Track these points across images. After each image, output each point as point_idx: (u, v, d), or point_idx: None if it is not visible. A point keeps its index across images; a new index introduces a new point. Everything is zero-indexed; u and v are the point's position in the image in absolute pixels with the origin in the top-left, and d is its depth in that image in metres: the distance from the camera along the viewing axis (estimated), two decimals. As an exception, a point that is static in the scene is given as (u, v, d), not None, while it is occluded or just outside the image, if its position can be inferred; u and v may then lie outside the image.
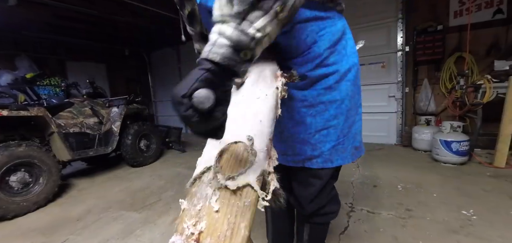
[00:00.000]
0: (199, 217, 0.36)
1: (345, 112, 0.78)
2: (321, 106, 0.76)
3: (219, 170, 0.41)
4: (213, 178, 0.41)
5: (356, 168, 2.79)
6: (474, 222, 1.61)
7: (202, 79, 0.35)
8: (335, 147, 0.78)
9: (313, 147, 0.78)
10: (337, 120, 0.77)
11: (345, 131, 0.78)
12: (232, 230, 0.35)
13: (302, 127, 0.78)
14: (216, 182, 0.40)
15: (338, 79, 0.74)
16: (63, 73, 5.73)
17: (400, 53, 3.57)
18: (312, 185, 0.84)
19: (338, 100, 0.76)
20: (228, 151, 0.45)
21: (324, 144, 0.78)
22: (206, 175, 0.44)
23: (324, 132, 0.77)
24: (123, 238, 1.75)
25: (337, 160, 0.79)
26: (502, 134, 2.48)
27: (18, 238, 1.85)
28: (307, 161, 0.80)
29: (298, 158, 0.81)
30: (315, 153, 0.79)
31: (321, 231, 1.01)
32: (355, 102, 0.81)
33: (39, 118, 2.52)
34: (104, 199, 2.48)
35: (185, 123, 0.36)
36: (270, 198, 0.42)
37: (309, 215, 0.91)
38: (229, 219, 0.36)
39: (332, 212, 0.92)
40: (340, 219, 1.76)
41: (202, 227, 0.35)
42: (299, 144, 0.80)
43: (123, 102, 3.42)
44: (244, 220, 0.37)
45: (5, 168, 2.16)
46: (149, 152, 3.67)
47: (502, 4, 2.93)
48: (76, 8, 3.90)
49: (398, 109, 3.71)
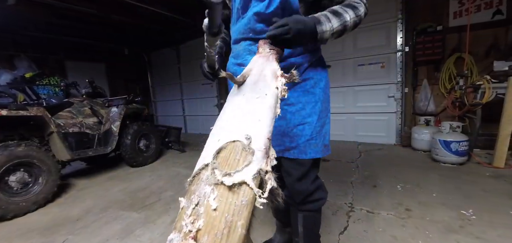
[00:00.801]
0: (197, 215, 0.36)
1: (318, 113, 0.96)
2: (300, 105, 0.94)
3: (216, 166, 0.41)
4: (210, 174, 0.41)
5: (355, 168, 2.79)
6: (473, 222, 1.61)
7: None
8: (309, 141, 0.94)
9: (291, 139, 0.95)
10: (311, 118, 0.94)
11: (317, 129, 0.95)
12: (229, 228, 0.36)
13: (284, 121, 0.95)
14: (213, 177, 0.40)
15: (313, 84, 0.96)
16: (63, 73, 5.72)
17: (400, 54, 3.57)
18: (291, 174, 0.98)
19: (313, 102, 0.95)
20: (226, 149, 0.45)
21: (300, 137, 0.94)
22: (204, 172, 0.44)
23: (300, 127, 0.94)
24: (122, 238, 1.74)
25: (310, 153, 0.94)
26: (501, 134, 2.48)
27: (17, 238, 1.85)
28: (286, 151, 0.96)
29: (279, 148, 0.96)
30: (292, 144, 0.95)
31: (314, 219, 1.07)
32: (326, 107, 1.00)
33: (38, 118, 2.51)
34: (104, 199, 2.48)
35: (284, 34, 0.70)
36: (268, 196, 0.42)
37: (300, 203, 1.01)
38: (226, 218, 0.36)
39: (321, 198, 1.03)
40: (339, 219, 1.76)
41: (200, 225, 0.35)
42: (281, 136, 0.96)
43: (122, 102, 3.41)
44: (241, 218, 0.37)
45: (4, 168, 2.15)
46: (148, 152, 3.66)
47: (501, 5, 2.93)
48: (76, 8, 3.90)
49: (397, 109, 3.71)
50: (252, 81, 0.64)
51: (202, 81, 5.96)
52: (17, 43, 5.01)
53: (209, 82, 5.74)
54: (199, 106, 6.31)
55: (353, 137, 4.14)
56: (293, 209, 1.08)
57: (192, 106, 6.51)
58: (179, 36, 5.97)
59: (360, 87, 3.94)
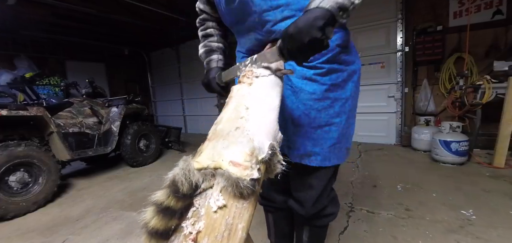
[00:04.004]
0: (198, 217, 0.36)
1: (348, 112, 0.79)
2: (328, 101, 0.76)
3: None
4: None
5: (355, 168, 2.79)
6: (473, 222, 1.61)
7: (323, 14, 0.50)
8: (334, 145, 0.78)
9: (314, 143, 0.77)
10: (340, 118, 0.78)
11: (344, 131, 0.80)
12: (229, 231, 0.35)
13: (306, 119, 0.77)
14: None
15: (345, 78, 0.77)
16: (63, 73, 5.72)
17: (400, 54, 3.57)
18: (313, 187, 0.84)
19: (343, 99, 0.78)
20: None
21: (326, 141, 0.77)
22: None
23: (326, 128, 0.77)
24: (122, 238, 1.74)
25: (334, 159, 0.80)
26: (501, 134, 2.48)
27: (17, 238, 1.85)
28: (306, 157, 0.79)
29: (297, 152, 0.80)
30: (315, 149, 0.78)
31: (321, 233, 1.00)
32: (355, 105, 0.84)
33: (38, 118, 2.51)
34: (104, 199, 2.48)
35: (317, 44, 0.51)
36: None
37: (309, 218, 0.91)
38: (227, 220, 0.36)
39: (332, 214, 0.93)
40: (339, 219, 1.76)
41: (201, 227, 0.35)
42: (301, 137, 0.78)
43: (122, 102, 3.41)
44: (242, 221, 0.37)
45: (4, 168, 2.15)
46: (148, 152, 3.66)
47: (501, 5, 2.93)
48: (76, 7, 3.89)
49: (397, 109, 3.71)
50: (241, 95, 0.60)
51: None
52: (17, 43, 5.01)
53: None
54: (199, 106, 6.31)
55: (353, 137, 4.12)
56: (298, 220, 1.01)
57: (192, 106, 6.51)
58: (179, 36, 5.97)
59: (360, 87, 3.92)
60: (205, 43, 0.95)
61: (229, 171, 0.38)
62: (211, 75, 0.86)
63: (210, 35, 0.95)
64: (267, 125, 0.50)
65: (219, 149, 0.42)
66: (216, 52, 0.93)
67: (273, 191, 1.02)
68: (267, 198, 1.05)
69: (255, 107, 0.53)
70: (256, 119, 0.50)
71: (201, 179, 0.39)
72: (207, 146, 0.45)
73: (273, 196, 1.03)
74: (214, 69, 0.88)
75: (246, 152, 0.40)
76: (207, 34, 0.95)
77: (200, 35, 0.97)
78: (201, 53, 0.95)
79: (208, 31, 0.95)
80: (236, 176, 0.37)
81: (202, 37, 0.97)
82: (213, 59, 0.92)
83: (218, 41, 0.95)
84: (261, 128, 0.48)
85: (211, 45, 0.94)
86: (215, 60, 0.91)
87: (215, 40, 0.95)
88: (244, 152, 0.40)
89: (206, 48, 0.94)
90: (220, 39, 0.96)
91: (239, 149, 0.41)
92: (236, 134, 0.45)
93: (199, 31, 0.98)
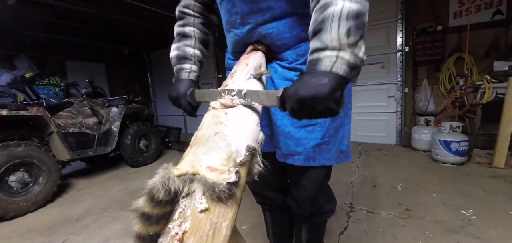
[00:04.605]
0: (184, 218, 0.37)
1: None
2: None
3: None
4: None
5: (355, 168, 2.79)
6: (473, 222, 1.61)
7: (338, 82, 0.46)
8: (319, 145, 0.76)
9: (297, 142, 0.76)
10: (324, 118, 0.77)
11: (331, 131, 0.77)
12: (214, 230, 0.37)
13: (289, 119, 0.76)
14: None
15: None
16: (63, 73, 5.72)
17: (400, 54, 3.57)
18: (307, 187, 0.84)
19: None
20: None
21: (309, 141, 0.76)
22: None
23: (309, 128, 0.75)
24: (122, 238, 1.74)
25: (320, 159, 0.77)
26: (501, 134, 2.48)
27: (17, 238, 1.85)
28: (290, 156, 0.78)
29: (281, 152, 0.80)
30: (298, 149, 0.77)
31: (320, 229, 1.02)
32: (346, 105, 0.80)
33: (38, 118, 2.51)
34: (104, 199, 2.48)
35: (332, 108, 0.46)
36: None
37: (307, 216, 0.92)
38: (211, 219, 0.37)
39: (330, 210, 0.94)
40: (339, 219, 1.76)
41: (187, 227, 0.36)
42: (284, 137, 0.78)
43: (122, 102, 3.41)
44: (226, 219, 0.38)
45: (4, 168, 2.15)
46: (148, 152, 3.66)
47: (501, 5, 2.93)
48: (76, 7, 3.90)
49: (397, 109, 3.71)
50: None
51: (202, 81, 5.96)
52: (17, 43, 5.01)
53: (209, 82, 5.75)
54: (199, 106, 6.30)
55: (353, 137, 4.13)
56: (297, 218, 1.03)
57: (192, 106, 6.51)
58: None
59: (360, 87, 3.93)
60: (178, 46, 0.80)
61: (206, 176, 0.39)
62: (180, 90, 0.75)
63: (187, 37, 0.80)
64: (246, 127, 0.51)
65: (199, 155, 0.44)
66: (189, 61, 0.79)
67: (270, 190, 1.03)
68: (263, 195, 1.06)
69: (234, 111, 0.55)
70: (234, 123, 0.51)
71: (181, 185, 0.39)
72: (189, 152, 0.47)
73: (270, 194, 1.04)
74: (185, 82, 0.77)
75: (223, 156, 0.43)
76: (185, 33, 0.80)
77: (175, 31, 0.82)
78: (172, 56, 0.81)
79: (186, 30, 0.80)
80: (212, 181, 0.38)
81: (177, 36, 0.81)
82: (184, 69, 0.79)
83: (195, 47, 0.81)
84: (239, 131, 0.49)
85: (185, 51, 0.79)
86: (187, 70, 0.79)
87: (192, 44, 0.80)
88: (221, 157, 0.42)
89: (179, 52, 0.80)
90: (198, 44, 0.82)
91: (217, 154, 0.43)
92: (215, 139, 0.47)
93: (176, 26, 0.82)
